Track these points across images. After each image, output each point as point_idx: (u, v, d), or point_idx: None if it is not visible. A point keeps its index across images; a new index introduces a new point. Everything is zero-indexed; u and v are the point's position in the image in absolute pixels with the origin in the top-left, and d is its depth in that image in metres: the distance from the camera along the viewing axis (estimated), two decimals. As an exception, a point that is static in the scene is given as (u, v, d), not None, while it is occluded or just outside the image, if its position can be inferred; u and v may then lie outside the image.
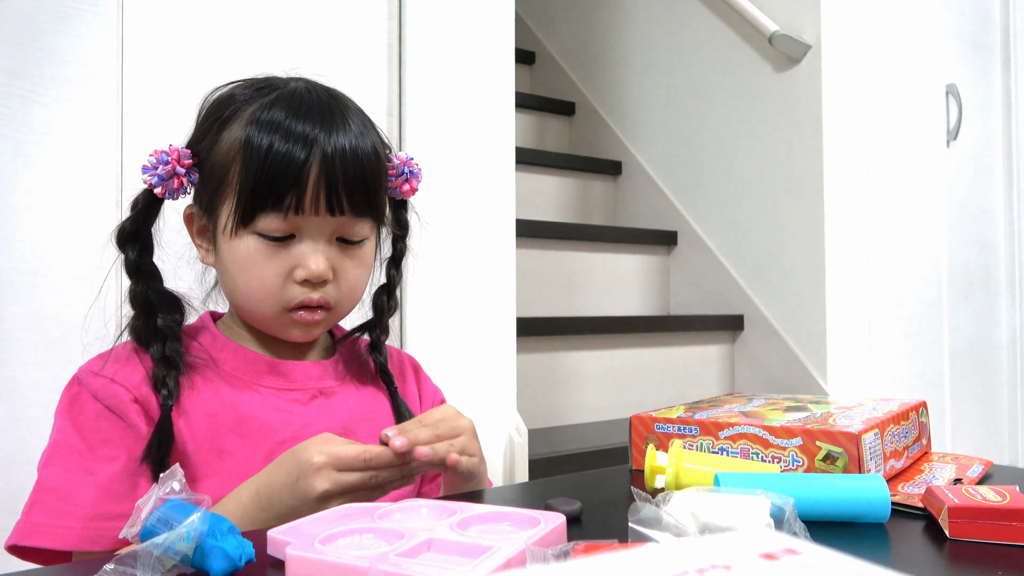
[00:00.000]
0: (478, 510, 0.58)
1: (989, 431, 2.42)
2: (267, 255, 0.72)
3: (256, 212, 0.71)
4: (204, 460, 0.72)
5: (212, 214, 0.75)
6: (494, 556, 0.49)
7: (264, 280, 0.73)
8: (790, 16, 2.03)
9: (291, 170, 0.70)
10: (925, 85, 2.27)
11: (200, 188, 0.76)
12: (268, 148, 0.70)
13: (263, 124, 0.71)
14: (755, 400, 0.94)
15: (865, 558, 0.26)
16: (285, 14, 1.24)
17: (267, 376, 0.77)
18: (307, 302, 0.74)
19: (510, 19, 1.49)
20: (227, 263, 0.74)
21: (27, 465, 1.01)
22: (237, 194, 0.71)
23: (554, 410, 1.87)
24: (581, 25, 2.76)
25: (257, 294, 0.74)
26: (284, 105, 0.73)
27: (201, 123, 0.77)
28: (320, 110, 0.73)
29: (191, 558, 0.50)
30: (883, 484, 0.64)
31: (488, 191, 1.44)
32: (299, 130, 0.71)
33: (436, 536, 0.52)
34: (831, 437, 0.73)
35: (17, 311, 1.01)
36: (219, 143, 0.73)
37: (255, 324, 0.78)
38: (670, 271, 2.40)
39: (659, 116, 2.44)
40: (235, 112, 0.74)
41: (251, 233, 0.72)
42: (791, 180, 2.04)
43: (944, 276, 2.29)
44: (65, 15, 1.05)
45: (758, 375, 2.14)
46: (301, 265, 0.73)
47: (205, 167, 0.74)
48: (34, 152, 1.03)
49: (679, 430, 0.82)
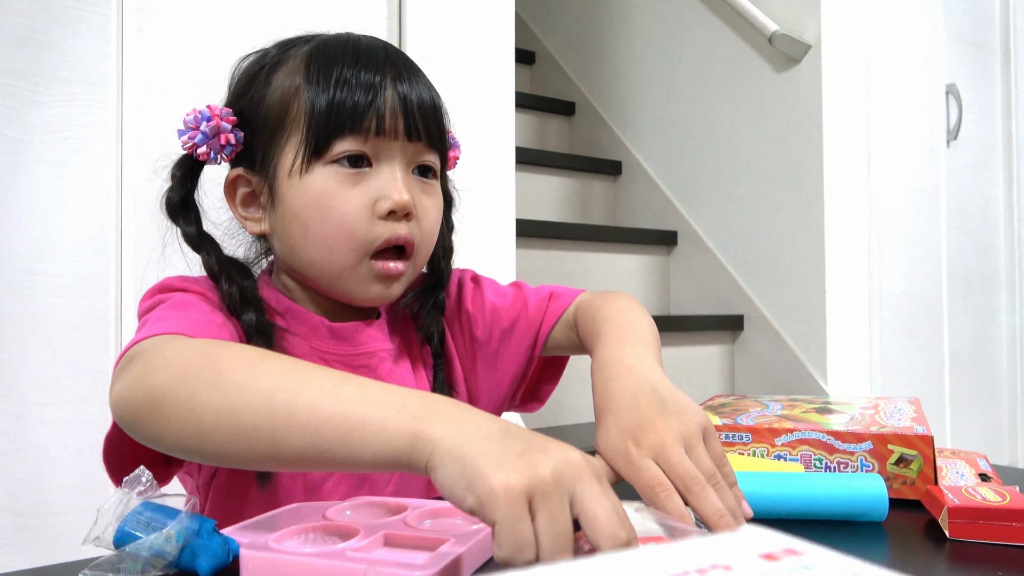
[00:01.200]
0: (429, 506, 0.58)
1: (989, 431, 2.42)
2: (345, 188, 0.65)
3: (332, 138, 0.65)
4: None
5: (268, 166, 0.68)
6: (450, 547, 0.49)
7: (345, 216, 0.65)
8: (790, 16, 2.03)
9: (368, 90, 0.65)
10: (925, 85, 2.27)
11: (246, 148, 0.70)
12: (340, 71, 0.65)
13: (325, 55, 0.67)
14: (772, 404, 0.91)
15: (865, 558, 0.26)
16: (284, 13, 1.24)
17: (331, 342, 0.71)
18: (394, 239, 0.66)
19: (510, 19, 1.49)
20: (297, 210, 0.66)
21: (27, 465, 1.01)
22: (307, 124, 0.65)
23: (554, 410, 1.87)
24: (581, 25, 2.76)
25: (336, 237, 0.66)
26: (339, 42, 0.69)
27: (239, 84, 0.72)
28: (379, 48, 0.69)
29: (177, 559, 0.49)
30: (880, 483, 0.65)
31: (488, 191, 1.44)
32: (366, 59, 0.67)
33: (391, 531, 0.52)
34: (905, 440, 0.72)
35: (17, 311, 1.01)
36: (269, 91, 0.68)
37: (324, 286, 0.70)
38: (670, 271, 2.40)
39: (659, 116, 2.44)
40: (280, 60, 0.69)
41: (326, 164, 0.65)
42: (791, 180, 2.04)
43: (944, 276, 2.29)
44: (65, 15, 1.05)
45: (758, 375, 2.14)
46: (384, 195, 0.66)
47: (256, 119, 0.69)
48: (34, 152, 1.03)
49: (727, 437, 0.78)
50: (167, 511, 0.49)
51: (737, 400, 0.96)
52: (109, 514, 0.49)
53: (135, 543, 0.47)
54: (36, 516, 0.99)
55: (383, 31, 1.34)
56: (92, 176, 1.07)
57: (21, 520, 1.00)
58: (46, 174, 1.04)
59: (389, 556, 0.50)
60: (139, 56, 1.10)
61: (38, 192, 1.03)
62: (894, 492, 0.70)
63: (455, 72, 1.40)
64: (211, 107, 0.69)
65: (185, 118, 0.69)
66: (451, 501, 0.41)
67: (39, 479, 0.99)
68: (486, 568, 0.52)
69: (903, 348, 2.15)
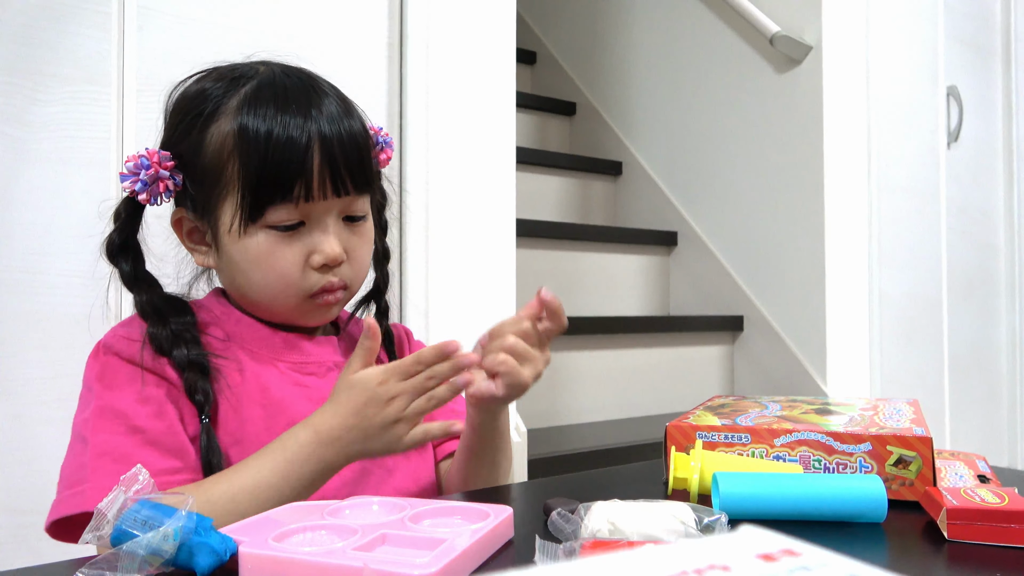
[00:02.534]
0: (428, 505, 0.58)
1: (988, 432, 2.42)
2: (281, 247, 0.72)
3: (264, 207, 0.70)
4: (232, 428, 0.72)
5: (209, 215, 0.74)
6: (449, 547, 0.49)
7: (283, 272, 0.73)
8: (791, 17, 2.03)
9: (295, 158, 0.70)
10: (926, 87, 2.27)
11: (187, 190, 0.74)
12: (267, 140, 0.69)
13: (255, 116, 0.70)
14: (771, 405, 0.91)
15: (863, 559, 0.26)
16: (285, 12, 1.24)
17: (284, 351, 0.77)
18: (328, 287, 0.74)
19: (511, 19, 1.49)
20: (238, 262, 0.73)
21: (27, 464, 1.01)
22: (241, 191, 0.70)
23: (553, 410, 1.87)
24: (582, 25, 2.76)
25: (276, 287, 0.73)
26: (269, 93, 0.72)
27: (175, 122, 0.75)
28: (305, 94, 0.73)
29: (175, 557, 0.49)
30: (879, 484, 0.65)
31: (489, 191, 1.44)
32: (292, 117, 0.70)
33: (390, 531, 0.53)
34: (904, 442, 0.72)
35: (17, 310, 1.01)
36: (206, 141, 0.72)
37: (271, 316, 0.77)
38: (670, 271, 2.40)
39: (660, 116, 2.44)
40: (216, 107, 0.72)
41: (261, 228, 0.71)
42: (791, 181, 2.04)
43: (944, 277, 2.29)
44: (66, 13, 1.05)
45: (758, 376, 2.14)
46: (317, 251, 0.73)
47: (194, 168, 0.73)
48: (34, 150, 1.03)
49: (726, 438, 0.78)
50: (165, 509, 0.50)
51: (736, 401, 0.96)
52: (107, 513, 0.49)
53: (132, 541, 0.47)
54: (35, 514, 0.99)
55: (384, 30, 1.34)
56: (92, 174, 1.07)
57: (20, 518, 1.00)
58: (46, 172, 1.04)
59: (389, 556, 0.50)
60: (140, 54, 1.10)
61: (38, 190, 1.03)
62: (893, 493, 0.70)
63: (456, 72, 1.40)
64: (150, 152, 0.72)
65: (126, 163, 0.72)
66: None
67: (38, 477, 0.99)
68: (486, 568, 0.52)
69: (903, 349, 2.15)
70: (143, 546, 0.47)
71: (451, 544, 0.50)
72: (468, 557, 0.50)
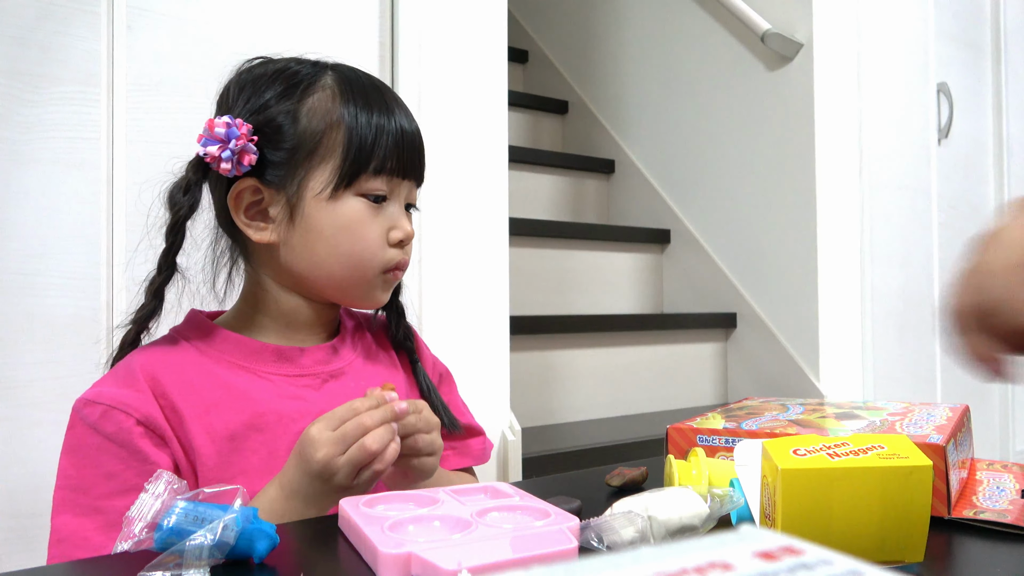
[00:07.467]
0: (495, 502, 0.59)
1: (981, 430, 2.42)
2: (370, 216, 0.76)
3: (361, 173, 0.74)
4: (226, 462, 0.70)
5: (291, 182, 0.74)
6: (560, 511, 0.56)
7: (368, 242, 0.76)
8: (782, 15, 2.04)
9: (389, 135, 0.75)
10: (916, 84, 2.28)
11: (264, 160, 0.74)
12: (370, 113, 0.75)
13: (355, 92, 0.76)
14: (793, 407, 0.87)
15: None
16: (277, 11, 1.24)
17: (275, 364, 0.76)
18: (401, 264, 0.79)
19: (503, 17, 1.49)
20: (324, 228, 0.74)
21: (26, 465, 1.01)
22: (344, 155, 0.74)
23: (547, 409, 1.87)
24: (574, 24, 2.76)
25: (360, 256, 0.76)
26: (358, 80, 0.78)
27: (259, 91, 0.75)
28: (384, 89, 0.80)
29: (235, 546, 0.51)
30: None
31: (481, 190, 1.44)
32: (384, 104, 0.77)
33: (477, 510, 0.57)
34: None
35: (9, 311, 1.01)
36: (304, 109, 0.74)
37: (334, 292, 0.78)
38: (663, 269, 2.40)
39: (652, 114, 2.44)
40: (312, 82, 0.76)
41: (353, 195, 0.75)
42: (783, 178, 2.04)
43: (935, 274, 2.30)
44: (55, 13, 1.05)
45: (751, 373, 2.15)
46: (396, 227, 0.77)
47: (282, 135, 0.74)
48: (25, 151, 1.02)
49: (727, 443, 0.74)
50: (212, 506, 0.52)
51: (763, 403, 0.93)
52: (139, 521, 0.51)
53: (196, 535, 0.49)
54: (33, 516, 0.99)
55: (375, 31, 1.34)
56: (83, 175, 1.06)
57: (17, 521, 0.99)
58: (38, 173, 1.03)
59: (495, 521, 0.55)
60: (130, 55, 1.10)
61: (30, 191, 1.03)
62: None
63: (448, 71, 1.40)
64: (239, 123, 0.72)
65: (215, 128, 0.71)
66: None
67: (35, 479, 0.99)
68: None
69: (895, 345, 2.16)
70: (209, 540, 0.49)
71: (557, 512, 0.56)
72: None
